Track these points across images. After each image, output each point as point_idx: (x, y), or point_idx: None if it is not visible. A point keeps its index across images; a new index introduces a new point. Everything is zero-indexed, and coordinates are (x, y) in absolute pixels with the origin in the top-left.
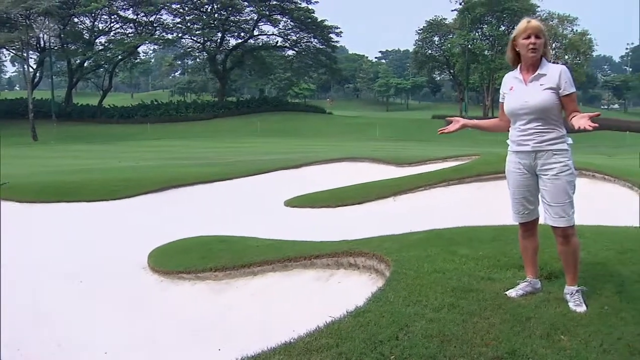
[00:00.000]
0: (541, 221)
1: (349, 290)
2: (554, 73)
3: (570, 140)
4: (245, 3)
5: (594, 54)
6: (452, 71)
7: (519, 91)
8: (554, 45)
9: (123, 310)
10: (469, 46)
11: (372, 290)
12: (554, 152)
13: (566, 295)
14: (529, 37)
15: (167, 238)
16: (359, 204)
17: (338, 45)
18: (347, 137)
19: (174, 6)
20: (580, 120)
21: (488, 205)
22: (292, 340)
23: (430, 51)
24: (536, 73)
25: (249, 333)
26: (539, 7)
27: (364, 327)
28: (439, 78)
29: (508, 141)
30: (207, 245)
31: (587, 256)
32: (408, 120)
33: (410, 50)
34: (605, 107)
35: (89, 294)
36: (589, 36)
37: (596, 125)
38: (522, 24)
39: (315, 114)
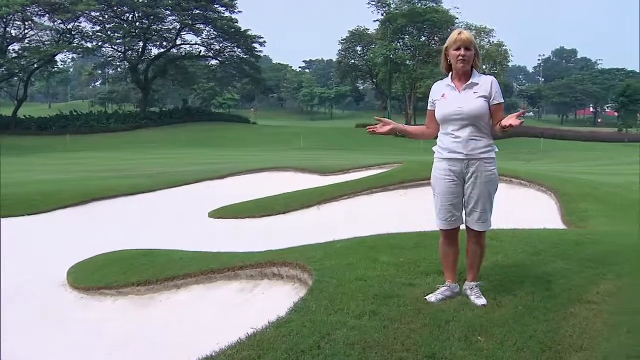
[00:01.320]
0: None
1: (273, 301)
2: (486, 83)
3: (496, 149)
4: (168, 12)
5: (510, 64)
6: (374, 80)
7: (452, 98)
8: None
9: (41, 329)
10: (391, 56)
11: (295, 300)
12: (485, 160)
13: (466, 290)
14: (458, 48)
15: (87, 253)
16: (283, 213)
17: (262, 54)
18: (271, 147)
19: (93, 14)
20: (510, 119)
21: (410, 212)
22: (213, 354)
23: (353, 61)
24: (470, 81)
25: (172, 348)
26: (457, 18)
27: (286, 337)
28: (362, 87)
29: (435, 148)
30: (129, 260)
31: (503, 259)
32: (332, 129)
33: (334, 59)
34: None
35: (5, 314)
36: (504, 47)
37: (521, 121)
38: (454, 35)
39: (239, 124)
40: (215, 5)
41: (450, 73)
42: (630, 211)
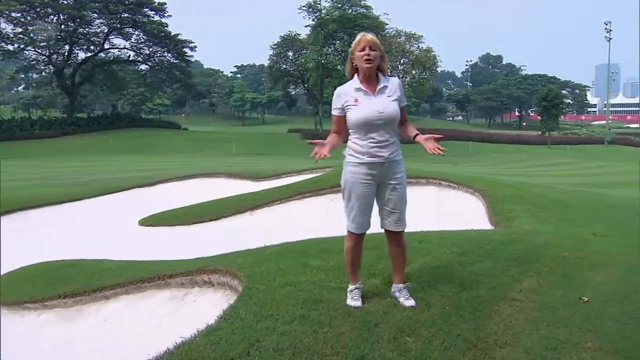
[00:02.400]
0: (375, 229)
1: (204, 309)
2: (394, 85)
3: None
4: (95, 15)
5: (439, 69)
6: (306, 85)
7: (368, 102)
8: (402, 60)
9: None
10: (323, 61)
11: (225, 308)
12: (399, 163)
13: (395, 292)
14: (364, 49)
15: (9, 266)
16: (215, 220)
17: (192, 59)
18: (203, 153)
19: (14, 15)
20: (429, 145)
21: (341, 216)
22: None
23: (284, 66)
24: (382, 85)
25: None
26: (387, 24)
27: (215, 345)
28: (294, 92)
29: (348, 153)
30: (55, 271)
31: (431, 260)
32: (264, 135)
33: (265, 64)
34: (450, 118)
35: None
36: (433, 53)
37: (443, 150)
38: (358, 37)
39: (170, 130)
40: (145, 9)
41: (355, 77)
42: (553, 210)
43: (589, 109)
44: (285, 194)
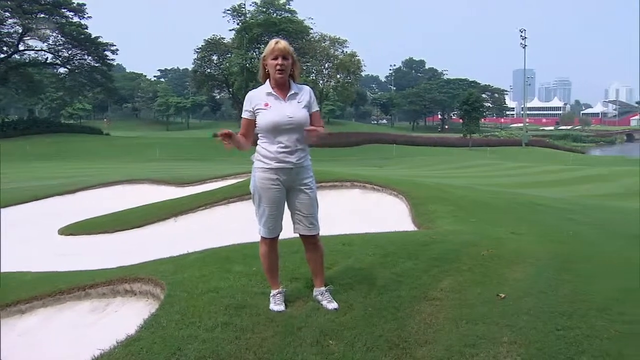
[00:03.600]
0: (287, 234)
1: (126, 319)
2: (305, 92)
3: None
4: (7, 14)
5: (363, 73)
6: (231, 90)
7: (278, 107)
8: (327, 65)
9: None
10: (247, 65)
11: (147, 317)
12: (307, 168)
13: (317, 296)
14: (276, 58)
15: None
16: (139, 227)
17: (114, 63)
18: (126, 159)
19: None
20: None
21: None
22: None
23: (209, 70)
24: (293, 92)
25: None
26: (312, 29)
27: (135, 355)
28: (218, 97)
29: (256, 158)
30: None
31: (354, 262)
32: (189, 140)
33: (190, 68)
34: (375, 122)
35: None
36: (357, 57)
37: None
38: (271, 44)
39: (92, 135)
40: (63, 10)
41: (267, 82)
42: (474, 210)
43: (507, 112)
44: (211, 199)
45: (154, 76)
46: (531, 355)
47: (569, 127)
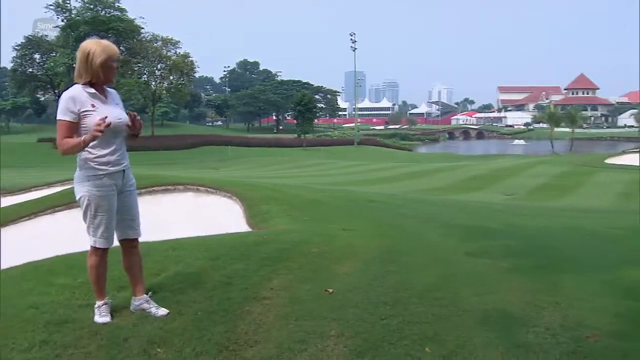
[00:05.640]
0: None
1: None
2: (115, 93)
3: None
4: None
5: (197, 74)
6: (57, 91)
7: (105, 109)
8: (159, 66)
9: None
10: (74, 65)
11: None
12: (129, 169)
13: (143, 304)
14: (114, 61)
15: None
16: None
17: None
18: None
19: None
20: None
21: None
22: None
23: (31, 69)
24: (109, 92)
25: None
26: (143, 28)
27: None
28: (43, 98)
29: (84, 166)
30: None
31: (184, 267)
32: (11, 145)
33: (9, 67)
34: (210, 124)
35: None
36: (190, 58)
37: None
38: (113, 48)
39: None
40: None
41: (86, 82)
42: (307, 209)
43: (340, 113)
44: (35, 208)
45: None
46: (357, 346)
47: (397, 127)
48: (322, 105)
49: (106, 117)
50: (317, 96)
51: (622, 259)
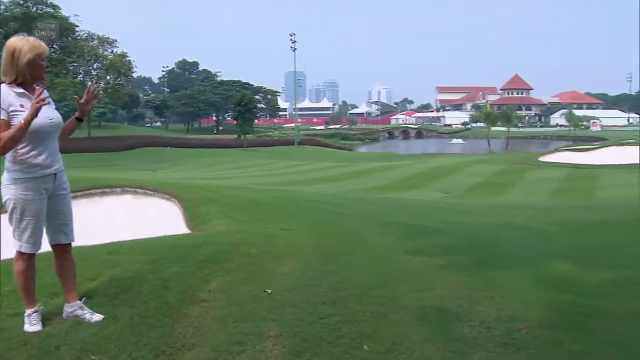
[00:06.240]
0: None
1: None
2: (45, 92)
3: None
4: None
5: (135, 74)
6: None
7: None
8: (95, 65)
9: None
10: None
11: None
12: (63, 172)
13: (76, 310)
14: (43, 60)
15: None
16: None
17: None
18: None
19: None
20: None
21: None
22: None
23: None
24: (42, 91)
25: None
26: (78, 26)
27: None
28: None
29: (12, 168)
30: None
31: (120, 272)
32: None
33: None
34: (149, 125)
35: None
36: (128, 58)
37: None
38: (42, 46)
39: None
40: None
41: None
42: (247, 210)
43: (280, 113)
44: None
45: None
46: (296, 346)
47: (337, 127)
48: (263, 105)
49: (42, 91)
50: (257, 96)
51: (551, 253)
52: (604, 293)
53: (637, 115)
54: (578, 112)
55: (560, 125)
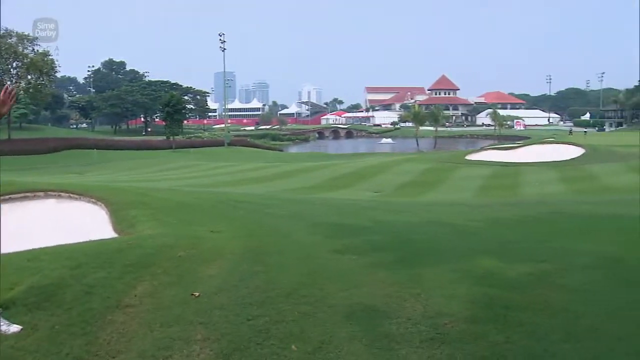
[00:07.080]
0: None
1: None
2: None
3: None
4: None
5: (59, 74)
6: None
7: None
8: (15, 64)
9: None
10: None
11: None
12: None
13: None
14: None
15: None
16: None
17: None
18: None
19: None
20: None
21: None
22: None
23: None
24: None
25: None
26: None
27: None
28: None
29: None
30: None
31: (41, 279)
32: None
33: None
34: (75, 126)
35: None
36: (50, 56)
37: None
38: None
39: None
40: None
41: None
42: (176, 213)
43: (210, 114)
44: None
45: None
46: (223, 348)
47: (268, 127)
48: (192, 106)
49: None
50: (186, 97)
51: (476, 249)
52: (525, 286)
53: (557, 115)
54: (502, 112)
55: (486, 125)
